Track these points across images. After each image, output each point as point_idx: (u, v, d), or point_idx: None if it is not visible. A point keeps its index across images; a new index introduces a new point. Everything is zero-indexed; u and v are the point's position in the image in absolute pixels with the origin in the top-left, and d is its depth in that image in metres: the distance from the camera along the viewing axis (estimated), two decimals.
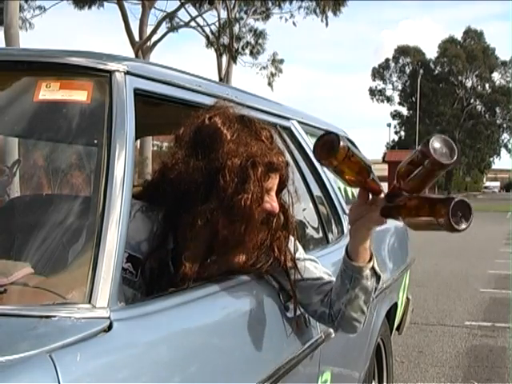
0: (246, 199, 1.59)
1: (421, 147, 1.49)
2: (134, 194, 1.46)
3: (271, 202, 1.67)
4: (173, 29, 24.97)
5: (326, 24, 24.11)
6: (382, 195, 1.67)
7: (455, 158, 1.48)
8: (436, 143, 1.47)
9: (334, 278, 1.82)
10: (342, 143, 1.53)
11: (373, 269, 1.72)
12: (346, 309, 1.74)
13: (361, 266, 1.71)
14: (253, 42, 26.99)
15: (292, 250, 1.78)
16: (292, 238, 1.79)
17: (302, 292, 1.79)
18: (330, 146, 1.53)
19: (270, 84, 27.78)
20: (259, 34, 27.03)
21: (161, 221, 1.63)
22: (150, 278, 1.59)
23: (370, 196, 1.68)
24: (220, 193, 1.58)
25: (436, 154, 1.46)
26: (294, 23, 25.36)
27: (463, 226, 1.49)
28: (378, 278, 1.74)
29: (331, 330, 1.99)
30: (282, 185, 1.73)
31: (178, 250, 1.61)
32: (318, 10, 24.48)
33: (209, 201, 1.59)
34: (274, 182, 1.68)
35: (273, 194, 1.69)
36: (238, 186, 1.59)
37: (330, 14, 24.13)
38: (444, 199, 1.51)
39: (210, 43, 25.99)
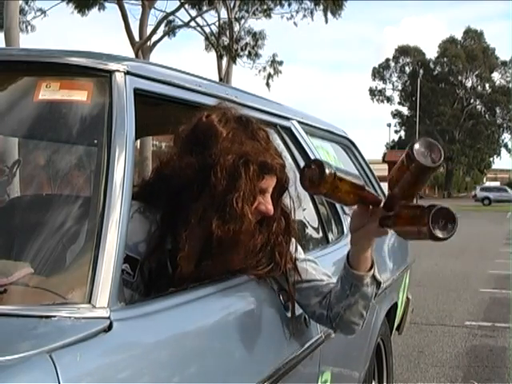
0: (237, 198, 1.57)
1: (406, 151, 1.45)
2: (132, 195, 1.46)
3: (266, 204, 1.66)
4: (172, 29, 24.94)
5: (326, 20, 24.09)
6: (382, 205, 1.61)
7: (440, 160, 1.44)
8: (420, 146, 1.43)
9: (333, 280, 1.82)
10: (327, 171, 1.47)
11: (373, 276, 1.70)
12: (345, 313, 1.73)
13: (361, 274, 1.68)
14: (252, 43, 26.90)
15: (292, 252, 1.78)
16: (293, 240, 1.79)
17: (300, 293, 1.79)
18: (316, 177, 1.48)
19: (267, 84, 27.71)
20: (258, 36, 26.93)
21: (158, 221, 1.63)
22: (148, 278, 1.59)
23: (371, 206, 1.63)
24: (212, 190, 1.57)
25: (420, 157, 1.42)
26: (294, 23, 25.39)
27: (445, 234, 1.42)
28: (378, 284, 1.72)
29: (331, 330, 1.99)
30: (282, 188, 1.71)
31: (175, 251, 1.60)
32: (314, 11, 24.49)
33: (201, 198, 1.58)
34: (268, 183, 1.66)
35: (268, 195, 1.67)
36: (229, 183, 1.58)
37: (329, 14, 24.10)
38: (426, 207, 1.46)
39: (210, 43, 25.96)
